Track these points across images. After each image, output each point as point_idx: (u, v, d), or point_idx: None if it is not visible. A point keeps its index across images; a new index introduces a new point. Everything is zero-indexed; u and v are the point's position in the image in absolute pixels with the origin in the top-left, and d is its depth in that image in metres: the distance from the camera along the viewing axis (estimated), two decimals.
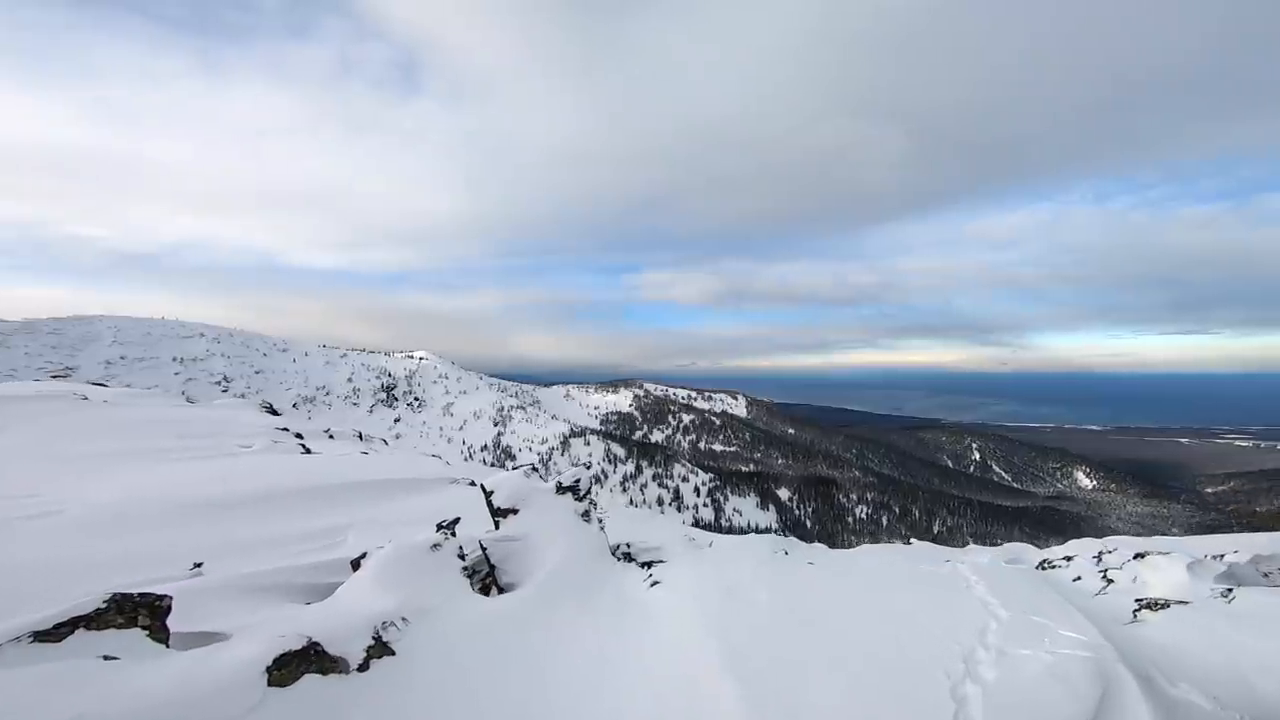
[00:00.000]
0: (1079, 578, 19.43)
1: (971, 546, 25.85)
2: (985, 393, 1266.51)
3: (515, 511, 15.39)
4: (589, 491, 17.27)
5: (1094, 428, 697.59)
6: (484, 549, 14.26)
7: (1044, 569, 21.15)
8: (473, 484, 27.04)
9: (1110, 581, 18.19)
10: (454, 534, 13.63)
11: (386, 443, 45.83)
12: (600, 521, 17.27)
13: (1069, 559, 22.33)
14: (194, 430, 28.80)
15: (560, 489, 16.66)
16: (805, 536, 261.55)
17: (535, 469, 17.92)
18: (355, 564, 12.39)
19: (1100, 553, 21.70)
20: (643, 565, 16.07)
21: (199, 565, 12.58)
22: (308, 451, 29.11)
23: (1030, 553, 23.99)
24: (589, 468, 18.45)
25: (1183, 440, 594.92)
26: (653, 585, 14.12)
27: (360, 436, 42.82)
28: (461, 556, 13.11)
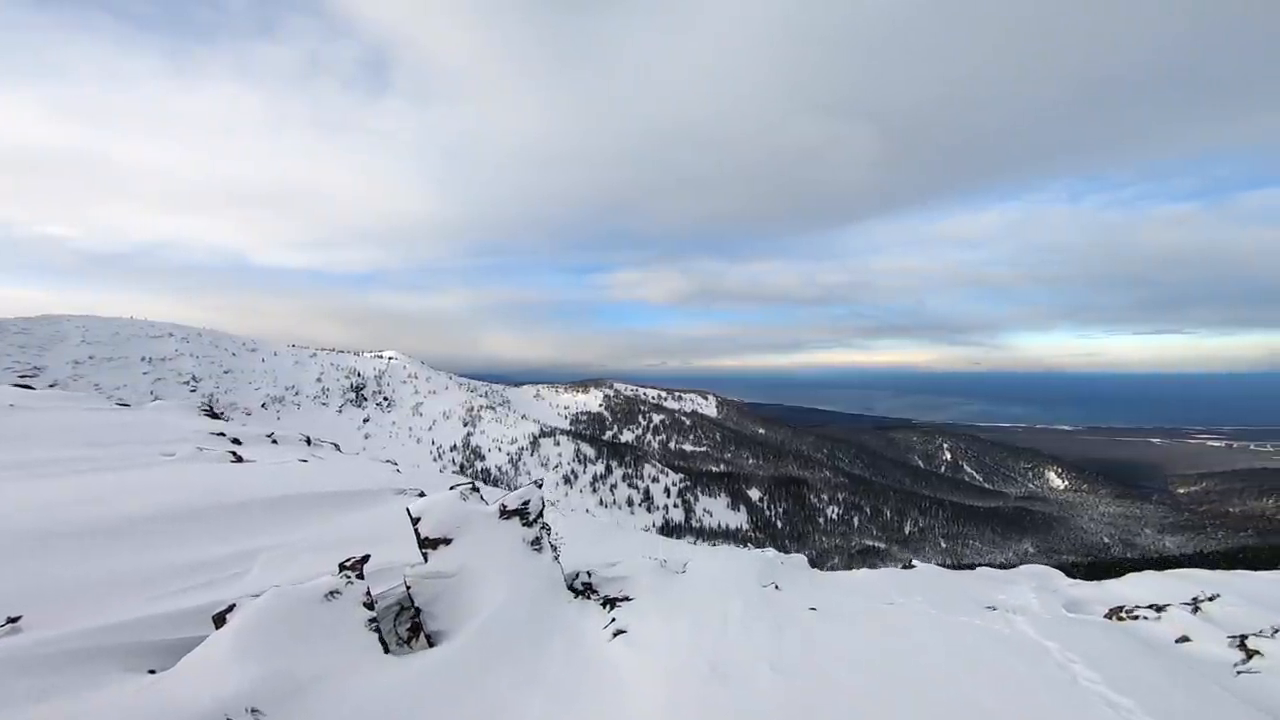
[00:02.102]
0: (1186, 638, 13.55)
1: (983, 570, 22.75)
2: (956, 393, 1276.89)
3: (448, 541, 12.65)
4: (541, 514, 14.45)
5: (1066, 428, 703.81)
6: (408, 588, 11.60)
7: (1122, 619, 14.67)
8: (422, 495, 24.37)
9: (1254, 654, 12.14)
10: (360, 575, 10.72)
11: (339, 447, 42.69)
12: (555, 549, 14.48)
13: (1159, 610, 15.24)
14: (109, 438, 25.72)
15: (505, 513, 13.87)
16: (776, 537, 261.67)
17: (475, 488, 14.88)
18: (220, 619, 9.23)
19: (1196, 600, 15.72)
20: (605, 604, 13.26)
21: (14, 620, 9.39)
22: (238, 460, 25.99)
23: (1057, 579, 20.51)
24: (540, 485, 15.37)
25: (1155, 440, 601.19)
26: (616, 635, 11.43)
27: (309, 441, 39.64)
28: (369, 605, 10.23)
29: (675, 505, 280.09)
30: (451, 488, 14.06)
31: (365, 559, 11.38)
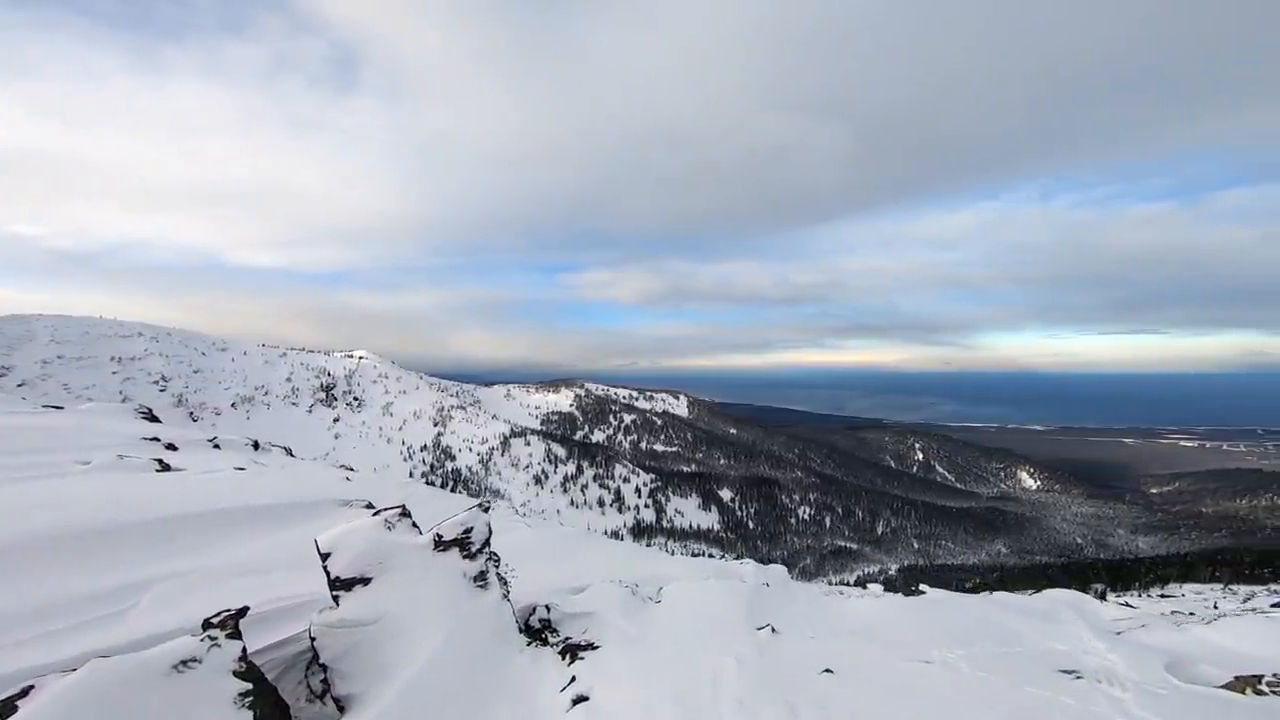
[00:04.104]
0: None
1: (1003, 598, 19.75)
2: (928, 393, 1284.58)
3: (366, 581, 10.11)
4: (487, 543, 11.91)
5: (1038, 428, 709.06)
6: (312, 640, 9.30)
7: (1261, 693, 10.11)
8: (370, 506, 22.01)
9: None
10: (234, 633, 8.19)
11: (290, 452, 40.08)
12: (504, 582, 11.95)
13: None
14: (22, 444, 22.97)
15: (441, 544, 11.29)
16: (748, 538, 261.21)
17: (404, 514, 11.97)
18: (9, 705, 6.49)
19: None
20: (565, 653, 10.84)
21: None
22: (164, 469, 23.45)
23: (1089, 604, 17.96)
24: (486, 509, 12.87)
25: (1127, 440, 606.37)
26: (576, 703, 9.00)
27: (256, 445, 37.04)
28: (242, 674, 7.70)
29: (646, 506, 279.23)
30: (375, 513, 11.29)
31: (242, 612, 8.64)
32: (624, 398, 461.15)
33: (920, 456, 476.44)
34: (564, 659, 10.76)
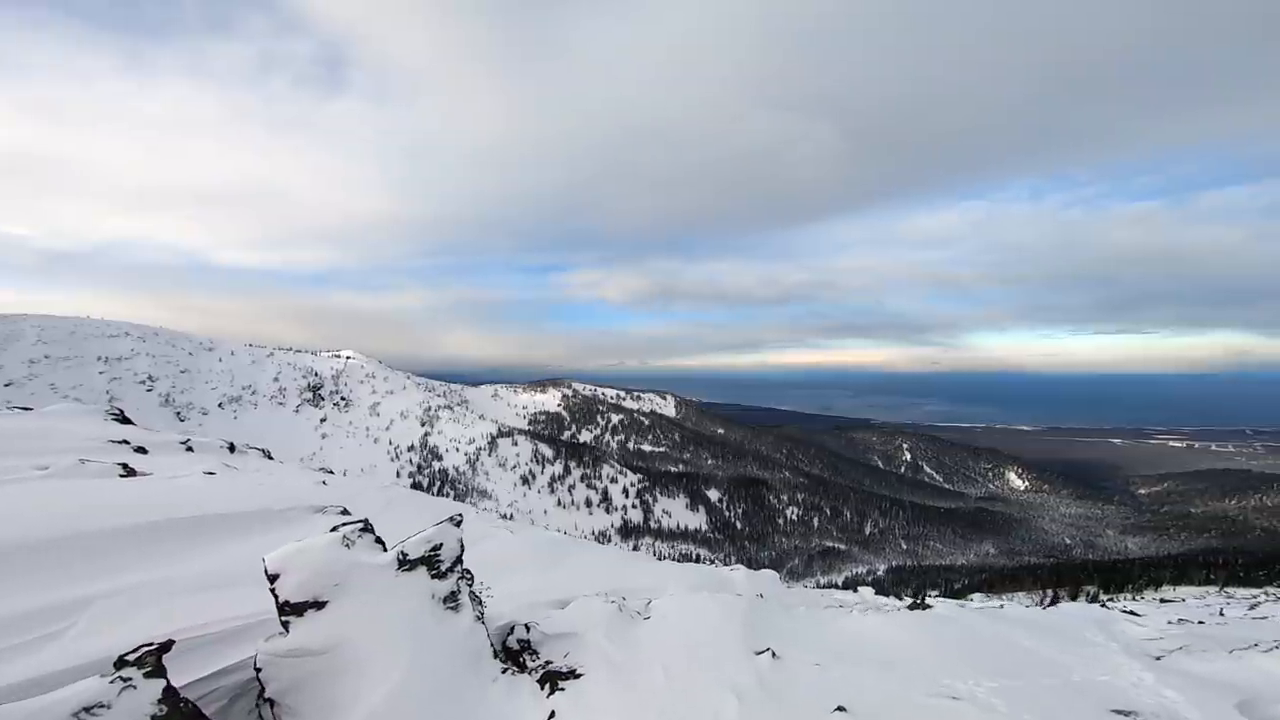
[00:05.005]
0: None
1: (1016, 612, 18.12)
2: (916, 393, 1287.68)
3: (320, 605, 8.90)
4: (459, 560, 10.73)
5: (1026, 428, 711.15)
6: (257, 671, 8.25)
7: None
8: (346, 513, 20.94)
9: None
10: (155, 671, 7.09)
11: (268, 454, 38.87)
12: (478, 602, 10.87)
13: None
14: None
15: (406, 563, 10.04)
16: (735, 538, 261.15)
17: (366, 528, 10.62)
18: None
19: None
20: (544, 681, 9.80)
21: None
22: (128, 474, 22.27)
23: (1115, 621, 16.09)
24: (458, 523, 11.68)
25: (1116, 441, 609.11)
26: None
27: (232, 448, 35.87)
28: (163, 718, 6.70)
29: (634, 506, 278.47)
30: (333, 528, 10.02)
31: (166, 646, 7.52)
32: (611, 398, 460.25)
33: (908, 457, 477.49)
34: (543, 689, 9.74)
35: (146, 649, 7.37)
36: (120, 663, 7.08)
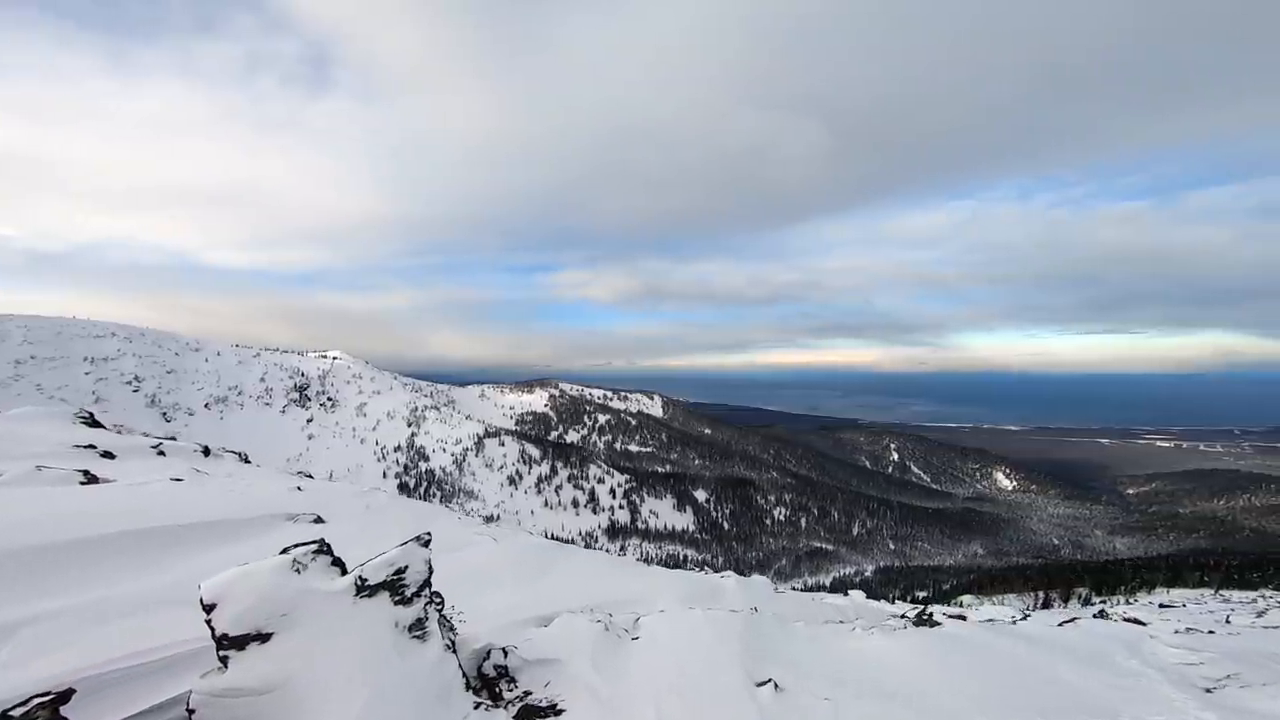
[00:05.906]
0: None
1: (1038, 633, 16.31)
2: (904, 393, 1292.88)
3: (264, 638, 7.65)
4: (427, 583, 9.51)
5: (1013, 428, 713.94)
6: (189, 714, 6.98)
7: None
8: (320, 521, 19.85)
9: None
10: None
11: (245, 458, 37.56)
12: (451, 628, 9.78)
13: None
14: None
15: (364, 588, 8.78)
16: (723, 539, 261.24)
17: (322, 549, 9.21)
18: None
19: None
20: (520, 716, 8.75)
21: None
22: (90, 481, 21.06)
23: (1144, 641, 14.99)
24: (425, 543, 10.70)
25: (1103, 441, 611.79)
26: None
27: (206, 452, 34.61)
28: None
29: (621, 506, 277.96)
30: (283, 550, 8.69)
31: (65, 696, 6.43)
32: (598, 398, 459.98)
33: (896, 457, 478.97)
34: None
35: (39, 700, 6.26)
36: (4, 715, 5.95)
